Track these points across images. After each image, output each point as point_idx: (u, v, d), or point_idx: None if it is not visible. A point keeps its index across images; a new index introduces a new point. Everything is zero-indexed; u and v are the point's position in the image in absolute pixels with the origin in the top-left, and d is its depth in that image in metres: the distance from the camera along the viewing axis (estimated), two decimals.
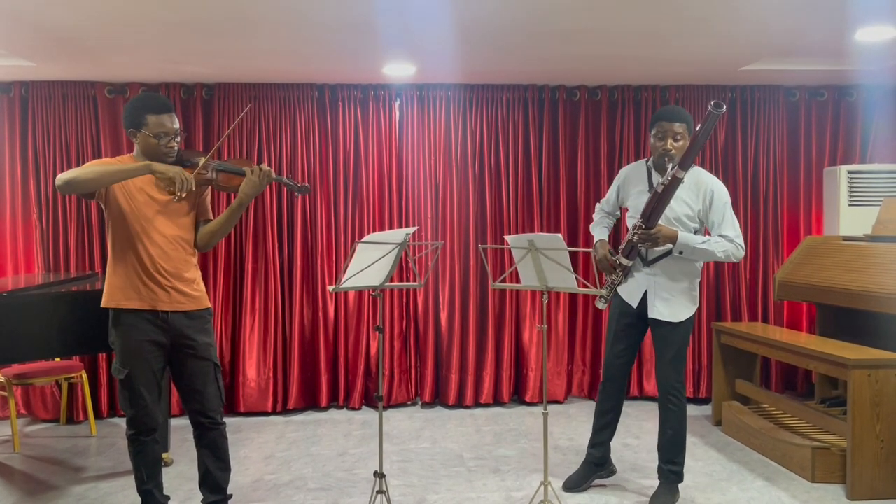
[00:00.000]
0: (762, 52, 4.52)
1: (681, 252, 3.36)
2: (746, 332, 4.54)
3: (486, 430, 4.78)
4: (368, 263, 3.10)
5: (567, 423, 4.94)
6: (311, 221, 5.24)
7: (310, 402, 5.29)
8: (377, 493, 3.22)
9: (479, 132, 5.32)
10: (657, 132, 3.41)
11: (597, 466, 3.74)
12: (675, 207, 3.38)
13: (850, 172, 5.12)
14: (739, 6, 3.57)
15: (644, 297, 3.49)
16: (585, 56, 4.52)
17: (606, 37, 4.09)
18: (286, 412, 5.21)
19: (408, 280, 5.18)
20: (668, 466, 3.52)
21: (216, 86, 5.15)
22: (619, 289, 3.56)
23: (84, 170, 2.78)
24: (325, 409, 5.29)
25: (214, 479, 3.09)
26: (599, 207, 3.82)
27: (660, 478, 3.56)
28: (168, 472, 3.88)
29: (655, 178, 3.45)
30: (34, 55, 4.38)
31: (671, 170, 3.22)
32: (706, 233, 3.50)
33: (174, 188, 2.84)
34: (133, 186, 2.90)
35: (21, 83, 5.06)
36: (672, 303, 3.44)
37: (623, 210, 3.73)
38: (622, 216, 3.79)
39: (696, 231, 3.45)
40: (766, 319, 5.47)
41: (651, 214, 3.29)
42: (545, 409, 3.36)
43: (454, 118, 5.30)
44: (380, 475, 3.23)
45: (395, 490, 3.70)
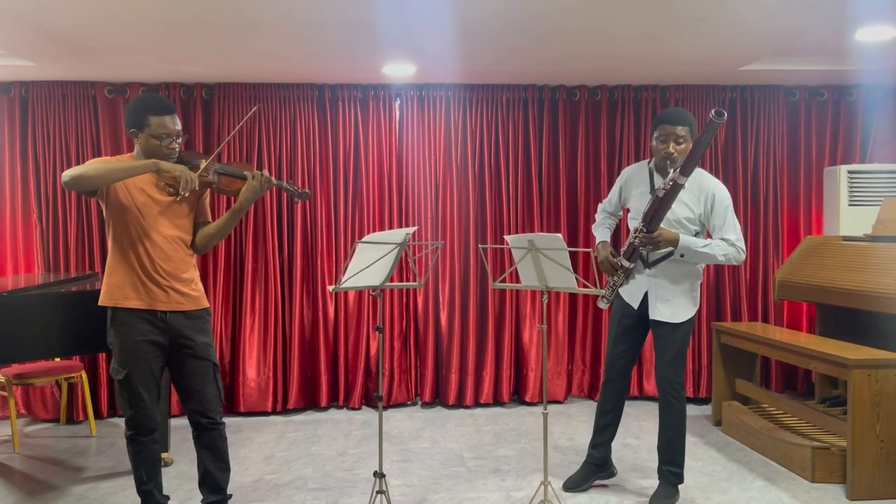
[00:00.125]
0: (762, 52, 4.52)
1: (682, 255, 3.36)
2: (746, 332, 4.54)
3: (486, 430, 4.78)
4: (368, 263, 3.10)
5: (567, 423, 4.94)
6: (311, 221, 5.24)
7: (310, 402, 5.29)
8: (377, 493, 3.22)
9: (479, 132, 5.32)
10: (659, 135, 3.39)
11: (597, 467, 3.74)
12: (676, 210, 3.37)
13: (850, 172, 5.12)
14: (739, 6, 3.57)
15: (645, 298, 3.49)
16: (585, 56, 4.52)
17: (606, 37, 4.09)
18: (286, 412, 5.21)
19: (408, 280, 5.18)
20: (668, 467, 3.52)
21: (216, 86, 5.15)
22: (621, 290, 3.56)
23: (91, 166, 2.79)
24: (325, 409, 5.29)
25: (214, 480, 3.09)
26: (602, 208, 3.82)
27: (660, 478, 3.56)
28: (168, 472, 3.88)
29: (657, 180, 3.44)
30: (34, 55, 4.38)
31: (672, 175, 3.20)
32: (707, 235, 3.50)
33: (179, 187, 2.86)
34: (134, 186, 2.90)
35: (21, 83, 5.07)
36: (673, 304, 3.43)
37: (625, 210, 3.73)
38: (624, 216, 3.79)
39: (697, 233, 3.45)
40: (766, 319, 5.47)
41: (652, 219, 3.28)
42: (545, 409, 3.36)
43: (454, 118, 5.30)
44: (380, 475, 3.23)
45: (395, 490, 3.70)
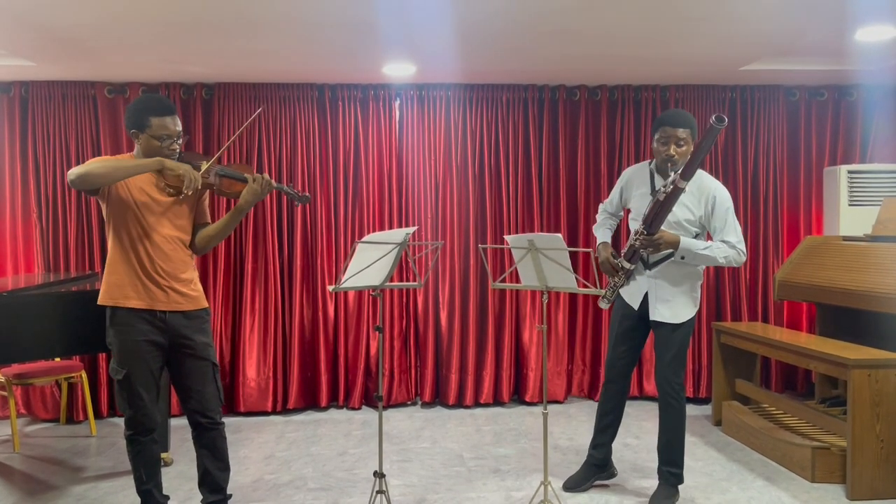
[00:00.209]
0: (762, 52, 4.52)
1: (682, 257, 3.35)
2: (746, 332, 4.54)
3: (486, 430, 4.78)
4: (368, 263, 3.10)
5: (567, 423, 4.94)
6: (311, 221, 5.23)
7: (310, 402, 5.29)
8: (377, 493, 3.22)
9: (479, 132, 5.32)
10: (660, 137, 3.38)
11: (598, 468, 3.74)
12: (677, 212, 3.36)
13: (850, 172, 5.12)
14: (739, 6, 3.57)
15: (645, 299, 3.49)
16: (585, 56, 4.52)
17: (606, 37, 4.08)
18: (286, 412, 5.21)
19: (408, 280, 5.18)
20: (668, 468, 3.52)
21: (216, 86, 5.15)
22: (621, 290, 3.55)
23: (97, 164, 2.79)
24: (325, 409, 5.29)
25: (214, 479, 3.09)
26: (602, 208, 3.82)
27: (660, 479, 3.55)
28: (168, 472, 3.89)
29: (658, 181, 3.44)
30: (34, 55, 4.38)
31: (672, 178, 3.19)
32: (708, 237, 3.49)
33: (182, 186, 2.87)
34: (134, 186, 2.90)
35: (21, 83, 5.07)
36: (673, 304, 3.43)
37: (626, 211, 3.73)
38: (625, 217, 3.79)
39: (697, 235, 3.44)
40: (766, 319, 5.47)
41: (653, 221, 3.28)
42: (545, 409, 3.36)
43: (454, 118, 5.30)
44: (380, 475, 3.23)
45: (395, 490, 3.70)
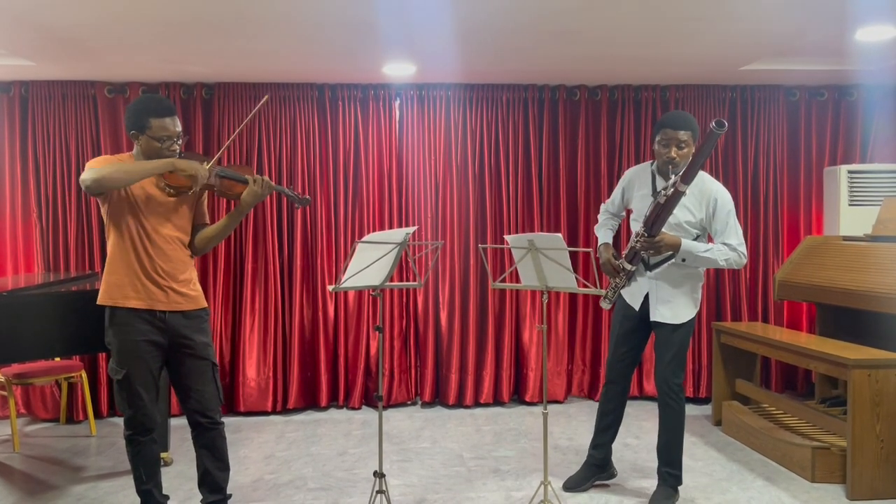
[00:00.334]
0: (762, 52, 4.51)
1: (683, 260, 3.35)
2: (746, 332, 4.54)
3: (486, 430, 4.78)
4: (368, 263, 3.10)
5: (567, 423, 4.94)
6: (311, 221, 5.23)
7: (310, 402, 5.29)
8: (377, 493, 3.22)
9: (479, 132, 5.32)
10: (661, 139, 3.38)
11: (598, 468, 3.74)
12: (678, 214, 3.35)
13: (851, 172, 5.12)
14: (739, 6, 3.57)
15: (646, 300, 3.49)
16: (585, 56, 4.52)
17: (607, 37, 4.08)
18: (286, 412, 5.21)
19: (408, 280, 5.18)
20: (667, 469, 3.52)
21: (216, 85, 5.15)
22: (623, 291, 3.55)
23: (111, 168, 2.77)
24: (325, 409, 5.29)
25: (213, 479, 3.09)
26: (604, 209, 3.81)
27: (659, 480, 3.55)
28: (168, 472, 3.89)
29: (659, 183, 3.44)
30: (34, 55, 4.38)
31: (673, 182, 3.18)
32: (709, 239, 3.49)
33: (193, 184, 2.89)
34: (135, 186, 2.89)
35: (21, 83, 5.06)
36: (673, 305, 3.43)
37: (628, 211, 3.72)
38: (627, 217, 3.78)
39: (698, 237, 3.44)
40: (766, 319, 5.47)
41: (654, 223, 3.27)
42: (545, 409, 3.36)
43: (454, 118, 5.30)
44: (380, 475, 3.23)
45: (395, 490, 3.70)
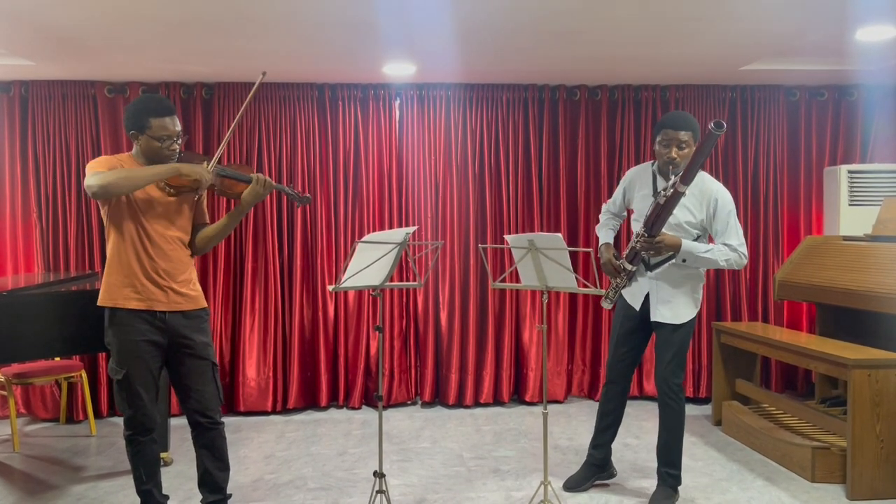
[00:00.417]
0: (762, 52, 4.51)
1: (684, 260, 3.35)
2: (746, 332, 4.54)
3: (486, 430, 4.78)
4: (368, 263, 3.10)
5: (567, 423, 4.94)
6: (311, 221, 5.23)
7: (310, 402, 5.29)
8: (377, 493, 3.22)
9: (479, 132, 5.32)
10: (662, 139, 3.38)
11: (598, 468, 3.74)
12: (678, 214, 3.35)
13: (851, 172, 5.12)
14: (739, 6, 3.57)
15: (646, 300, 3.48)
16: (585, 56, 4.52)
17: (606, 37, 4.08)
18: (286, 412, 5.21)
19: (408, 280, 5.18)
20: (666, 469, 3.52)
21: (216, 85, 5.14)
22: (623, 291, 3.55)
23: (118, 175, 2.76)
24: (325, 409, 5.29)
25: (213, 479, 3.09)
26: (606, 209, 3.81)
27: (658, 480, 3.55)
28: (168, 472, 3.89)
29: (660, 183, 3.44)
30: (34, 55, 4.38)
31: (672, 182, 3.17)
32: (710, 239, 3.49)
33: (197, 187, 2.89)
34: None
35: (21, 83, 5.06)
36: (674, 305, 3.43)
37: (629, 211, 3.72)
38: (628, 217, 3.78)
39: (699, 237, 3.44)
40: (766, 319, 5.47)
41: (654, 224, 3.27)
42: (545, 409, 3.36)
43: (454, 118, 5.30)
44: (379, 475, 3.23)
45: (395, 490, 3.70)
